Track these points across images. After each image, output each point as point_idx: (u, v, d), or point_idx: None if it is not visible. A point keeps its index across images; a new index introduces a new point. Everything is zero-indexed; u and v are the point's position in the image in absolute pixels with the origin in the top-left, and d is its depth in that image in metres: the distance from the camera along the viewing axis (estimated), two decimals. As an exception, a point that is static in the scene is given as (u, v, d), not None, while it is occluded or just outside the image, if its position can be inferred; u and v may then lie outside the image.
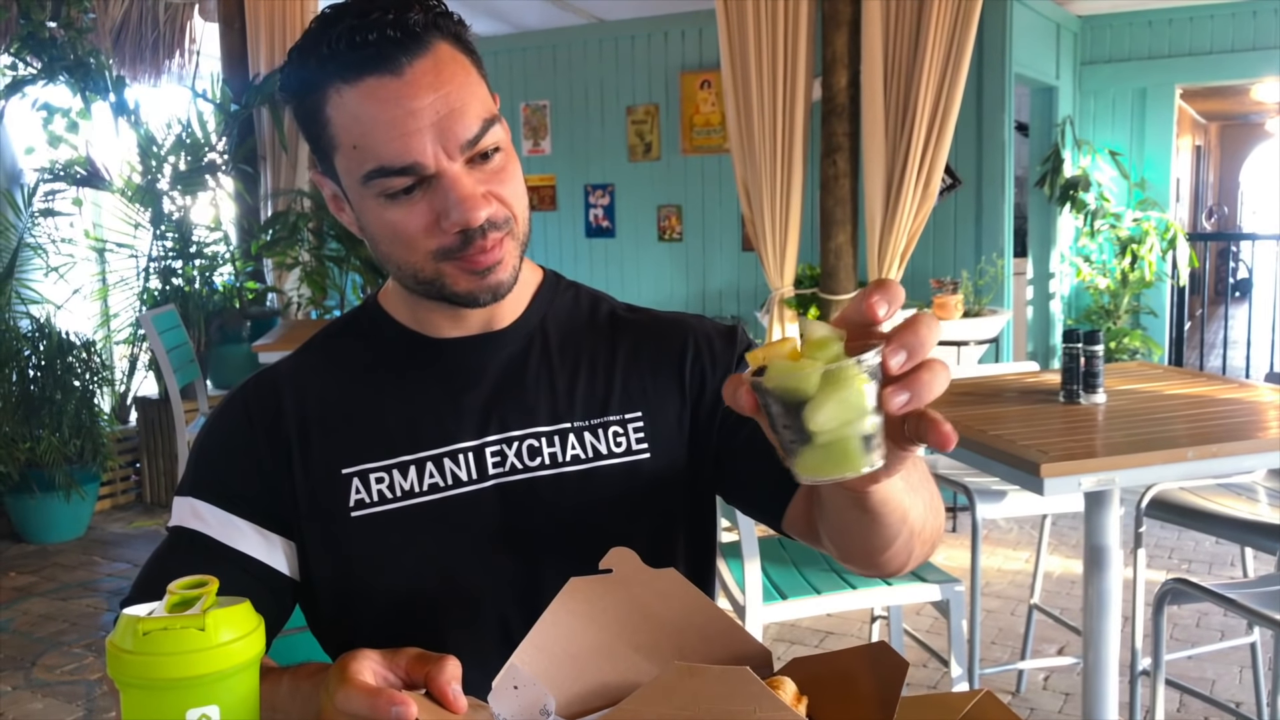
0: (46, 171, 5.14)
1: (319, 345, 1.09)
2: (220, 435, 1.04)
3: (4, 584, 4.17)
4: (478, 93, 0.92)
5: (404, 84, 0.88)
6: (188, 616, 0.63)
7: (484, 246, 0.92)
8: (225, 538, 0.98)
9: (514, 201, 0.95)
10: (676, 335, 1.09)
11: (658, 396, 1.06)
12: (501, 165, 0.94)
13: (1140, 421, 2.22)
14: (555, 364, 1.05)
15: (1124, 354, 5.79)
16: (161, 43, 6.72)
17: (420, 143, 0.88)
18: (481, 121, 0.91)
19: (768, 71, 4.31)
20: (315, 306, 5.92)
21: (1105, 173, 6.12)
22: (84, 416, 4.65)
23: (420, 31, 0.89)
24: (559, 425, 1.03)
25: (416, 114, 0.88)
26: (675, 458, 1.06)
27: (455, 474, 1.00)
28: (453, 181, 0.90)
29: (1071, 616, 3.25)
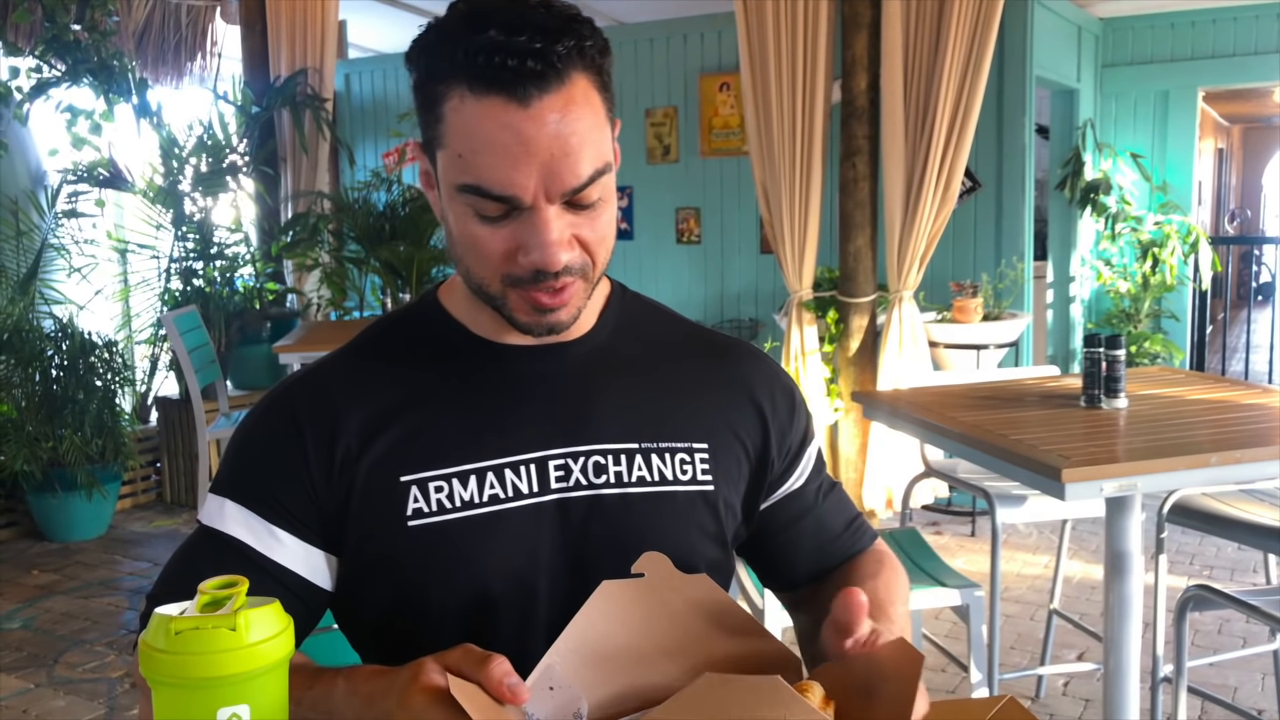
0: (70, 173, 5.19)
1: (373, 344, 1.05)
2: (266, 439, 0.99)
3: (27, 582, 4.21)
4: (598, 138, 0.89)
5: (528, 116, 0.85)
6: (219, 616, 0.64)
7: (553, 287, 0.91)
8: (263, 547, 0.96)
9: (597, 247, 0.93)
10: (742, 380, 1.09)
11: (723, 434, 1.06)
12: (600, 211, 0.92)
13: (1162, 427, 2.21)
14: (623, 381, 1.04)
15: (1145, 358, 5.76)
16: (183, 45, 6.77)
17: (525, 177, 0.86)
18: (592, 171, 0.89)
19: (787, 74, 4.30)
20: (335, 308, 5.95)
21: (1127, 176, 6.09)
22: (106, 416, 4.69)
23: (560, 66, 0.86)
24: (627, 444, 1.01)
25: (530, 149, 0.86)
26: (734, 492, 1.06)
27: (516, 485, 0.97)
28: (543, 222, 0.88)
29: (1091, 622, 3.23)
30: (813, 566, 1.13)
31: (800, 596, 1.15)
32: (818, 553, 1.13)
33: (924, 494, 4.58)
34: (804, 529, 1.12)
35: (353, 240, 5.68)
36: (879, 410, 2.65)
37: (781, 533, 1.12)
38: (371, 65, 7.01)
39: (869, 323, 4.42)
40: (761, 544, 1.13)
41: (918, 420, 2.38)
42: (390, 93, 6.80)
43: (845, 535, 1.14)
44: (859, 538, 1.15)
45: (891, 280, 4.28)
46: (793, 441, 1.11)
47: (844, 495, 1.18)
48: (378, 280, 5.68)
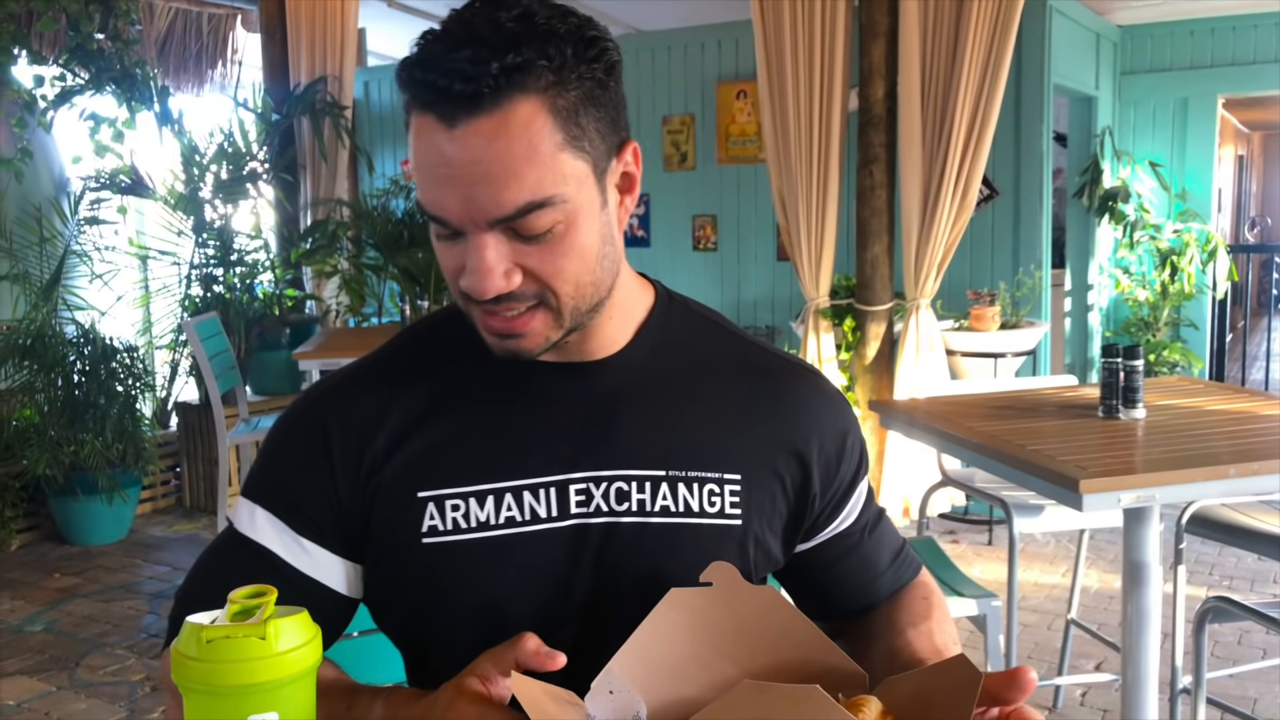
0: (92, 180, 5.24)
1: (401, 354, 1.02)
2: (294, 449, 0.98)
3: (49, 585, 4.25)
4: (533, 170, 0.82)
5: (450, 138, 0.82)
6: (249, 625, 0.65)
7: (500, 314, 0.88)
8: (291, 557, 0.95)
9: (553, 279, 0.87)
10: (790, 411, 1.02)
11: (760, 467, 1.00)
12: (550, 242, 0.86)
13: (1181, 437, 2.21)
14: (657, 404, 0.98)
15: (1163, 367, 5.73)
16: (204, 53, 6.84)
17: (449, 200, 0.84)
18: (526, 201, 0.83)
19: (804, 81, 4.31)
20: (353, 314, 5.99)
21: (1145, 184, 6.06)
22: (126, 421, 4.73)
23: (492, 90, 0.80)
24: (653, 471, 0.96)
25: (453, 172, 0.83)
26: (764, 530, 1.01)
27: (534, 509, 0.94)
28: (473, 249, 0.85)
29: (1109, 632, 3.22)
30: (855, 603, 1.09)
31: (842, 628, 1.10)
32: (861, 590, 1.09)
33: (941, 502, 4.57)
34: (847, 568, 1.08)
35: (371, 247, 5.71)
36: (896, 419, 2.65)
37: (823, 571, 1.08)
38: (390, 73, 7.04)
39: (886, 330, 4.42)
40: (800, 578, 1.09)
41: (935, 430, 2.38)
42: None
43: (889, 571, 1.10)
44: (903, 571, 1.11)
45: (908, 288, 4.28)
46: (840, 483, 1.05)
47: (889, 526, 1.13)
48: (396, 287, 5.71)
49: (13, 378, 4.67)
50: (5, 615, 3.92)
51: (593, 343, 0.97)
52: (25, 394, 4.69)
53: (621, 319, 0.98)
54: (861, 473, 1.08)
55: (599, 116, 0.87)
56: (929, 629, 1.01)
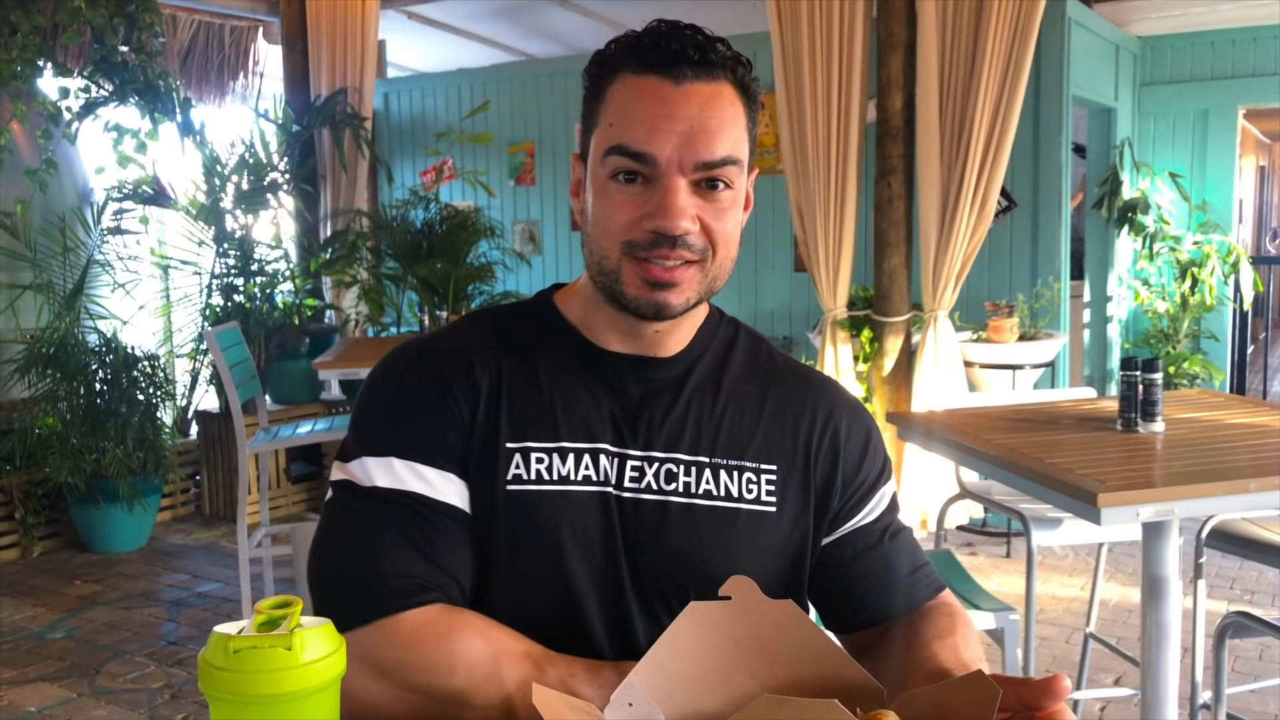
0: (116, 190, 5.29)
1: (497, 324, 1.12)
2: (419, 396, 1.04)
3: (69, 592, 4.28)
4: (735, 133, 1.00)
5: (678, 91, 0.98)
6: (276, 636, 0.67)
7: (667, 259, 0.99)
8: (442, 495, 1.02)
9: (719, 238, 1.01)
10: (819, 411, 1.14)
11: (792, 459, 1.11)
12: (725, 204, 1.00)
13: (1200, 451, 2.20)
14: (706, 399, 1.10)
15: (1184, 379, 5.70)
16: (226, 65, 6.90)
17: (664, 141, 0.97)
18: (727, 154, 0.98)
19: (822, 93, 4.32)
20: (372, 324, 6.02)
21: (1165, 195, 6.03)
22: (147, 429, 4.77)
23: (714, 63, 0.99)
24: (698, 457, 1.07)
25: (673, 119, 0.97)
26: (798, 522, 1.10)
27: (607, 472, 1.04)
28: (671, 188, 0.98)
29: (1129, 646, 3.20)
30: (874, 609, 1.12)
31: (863, 642, 1.13)
32: (879, 594, 1.12)
33: (959, 515, 4.55)
34: (866, 567, 1.12)
35: (390, 257, 5.74)
36: (913, 432, 2.65)
37: (843, 568, 1.12)
38: (410, 84, 7.09)
39: (904, 342, 4.41)
40: (823, 579, 1.13)
41: (952, 442, 2.38)
42: (428, 111, 6.88)
43: (909, 580, 1.13)
44: (927, 585, 1.14)
45: (926, 299, 4.27)
46: (864, 480, 1.13)
47: (912, 540, 1.17)
48: (415, 297, 5.74)
49: (36, 386, 4.71)
50: (27, 622, 3.96)
51: (667, 340, 1.09)
52: (48, 402, 4.74)
53: (690, 323, 1.11)
54: (885, 475, 1.16)
55: (752, 132, 1.05)
56: (954, 643, 1.03)
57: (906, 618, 1.11)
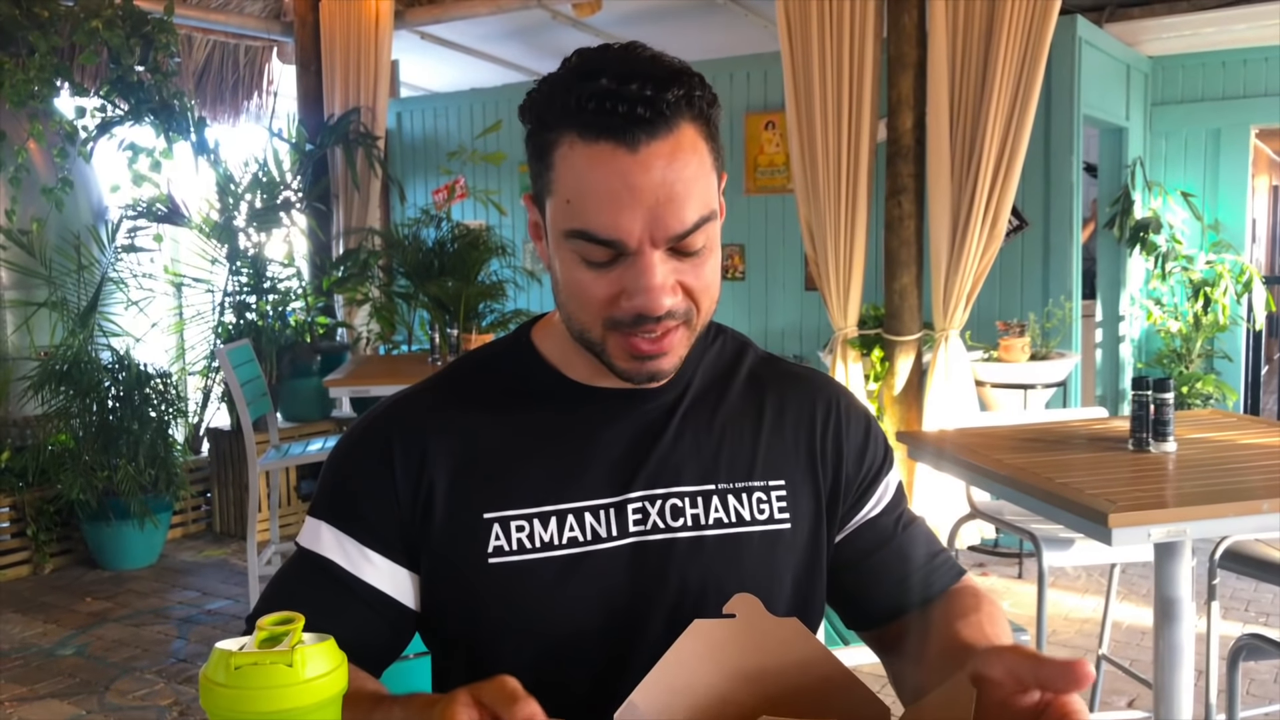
0: (130, 209, 5.33)
1: (465, 379, 1.08)
2: (358, 466, 1.03)
3: (80, 609, 4.29)
4: (704, 186, 0.91)
5: (636, 161, 0.87)
6: (277, 652, 0.66)
7: (653, 333, 0.93)
8: (353, 567, 1.00)
9: (701, 295, 0.95)
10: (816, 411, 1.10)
11: (798, 468, 1.06)
12: (703, 258, 0.93)
13: (1212, 471, 2.18)
14: (701, 422, 1.04)
15: (1197, 399, 5.66)
16: (241, 84, 6.96)
17: (630, 222, 0.88)
18: (698, 218, 0.90)
19: (832, 112, 4.32)
20: (384, 342, 6.04)
21: (1177, 214, 6.02)
22: (159, 446, 4.78)
23: (668, 115, 0.88)
24: (704, 486, 1.02)
25: (637, 194, 0.88)
26: (813, 531, 1.06)
27: (595, 529, 0.99)
28: (647, 267, 0.90)
29: (1142, 668, 3.17)
30: (894, 601, 1.09)
31: (887, 637, 1.11)
32: (898, 586, 1.09)
33: (970, 535, 4.53)
34: (882, 560, 1.09)
35: (402, 276, 5.77)
36: (924, 451, 2.64)
37: (859, 563, 1.09)
38: (423, 104, 7.14)
39: (915, 361, 4.40)
40: (839, 578, 1.10)
41: (963, 462, 2.37)
42: (440, 131, 6.92)
43: (927, 568, 1.10)
44: (944, 572, 1.11)
45: (937, 318, 4.27)
46: (868, 468, 1.10)
47: (926, 529, 1.14)
48: (426, 315, 5.76)
49: (49, 403, 4.74)
50: (37, 638, 3.96)
51: None
52: (61, 419, 4.76)
53: None
54: (888, 463, 1.12)
55: (716, 146, 0.96)
56: (978, 620, 0.99)
57: (927, 605, 1.08)
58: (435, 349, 4.68)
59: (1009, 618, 2.38)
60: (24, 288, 5.04)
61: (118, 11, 4.92)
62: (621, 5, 6.00)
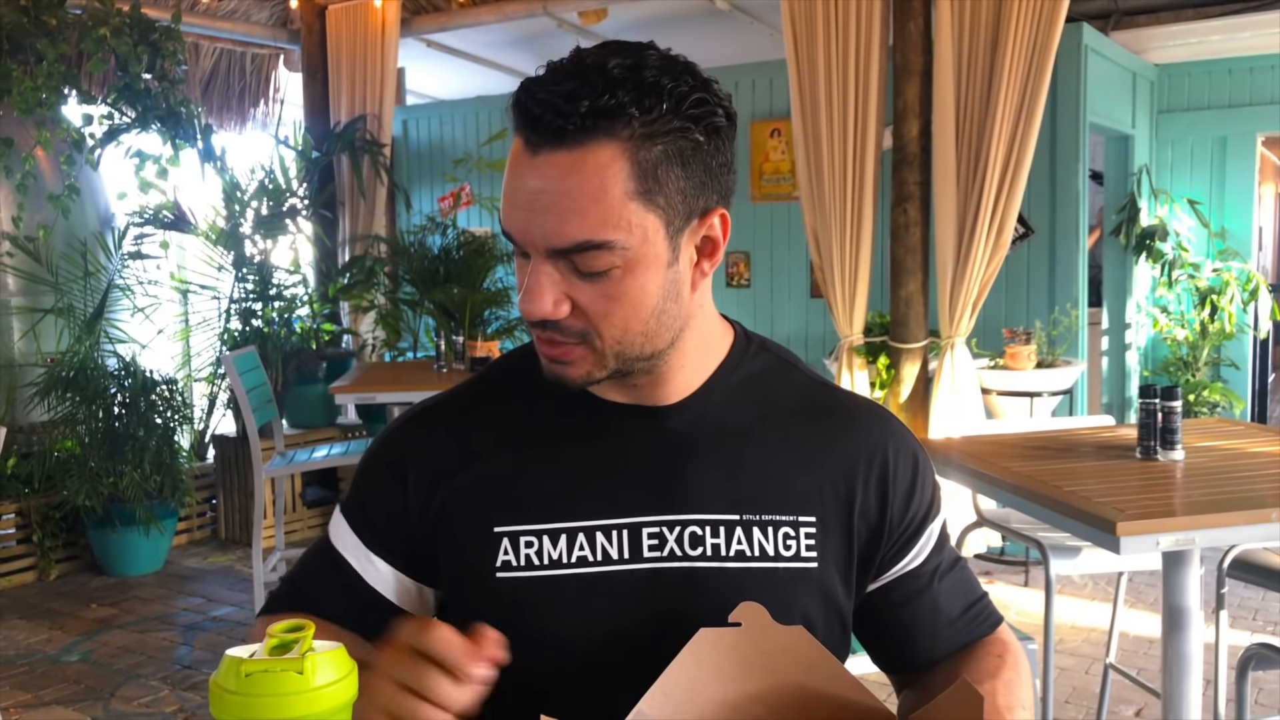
0: (137, 216, 5.35)
1: (485, 388, 1.06)
2: (372, 474, 1.05)
3: (85, 615, 4.29)
4: (595, 211, 0.85)
5: (531, 164, 0.86)
6: (287, 660, 0.66)
7: (549, 339, 0.91)
8: (360, 568, 1.03)
9: (599, 320, 0.89)
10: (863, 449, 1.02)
11: (834, 507, 1.00)
12: (605, 288, 0.88)
13: (1221, 480, 2.18)
14: (730, 446, 0.99)
15: (1203, 407, 5.65)
16: (247, 92, 6.99)
17: (518, 220, 0.88)
18: (578, 240, 0.85)
19: (838, 120, 4.32)
20: (389, 348, 6.04)
21: (1184, 222, 6.01)
22: (164, 453, 4.79)
23: (576, 128, 0.84)
24: (727, 515, 0.96)
25: (523, 196, 0.87)
26: (843, 574, 1.00)
27: (606, 550, 0.95)
28: (532, 270, 0.89)
29: (1149, 677, 3.16)
30: (926, 653, 1.05)
31: (911, 682, 1.08)
32: (932, 638, 1.05)
33: (977, 543, 4.52)
34: (916, 612, 1.04)
35: (408, 282, 5.78)
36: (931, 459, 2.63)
37: (892, 613, 1.05)
38: (429, 111, 7.15)
39: (921, 368, 4.40)
40: (870, 623, 1.06)
41: (970, 470, 2.36)
42: (446, 138, 6.93)
43: (961, 620, 1.05)
44: (979, 624, 1.06)
45: (943, 326, 4.26)
46: (913, 518, 1.03)
47: (967, 574, 1.09)
48: (431, 322, 5.76)
49: (55, 409, 4.75)
50: (42, 645, 3.96)
51: (665, 388, 0.98)
52: (67, 425, 4.77)
53: (694, 366, 0.99)
54: (934, 512, 1.06)
55: (684, 176, 0.88)
56: (993, 688, 0.97)
57: (952, 657, 1.04)
58: (441, 356, 4.68)
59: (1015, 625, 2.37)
60: (30, 294, 5.06)
61: (125, 19, 4.94)
62: (627, 13, 6.01)
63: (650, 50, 0.88)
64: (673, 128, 0.86)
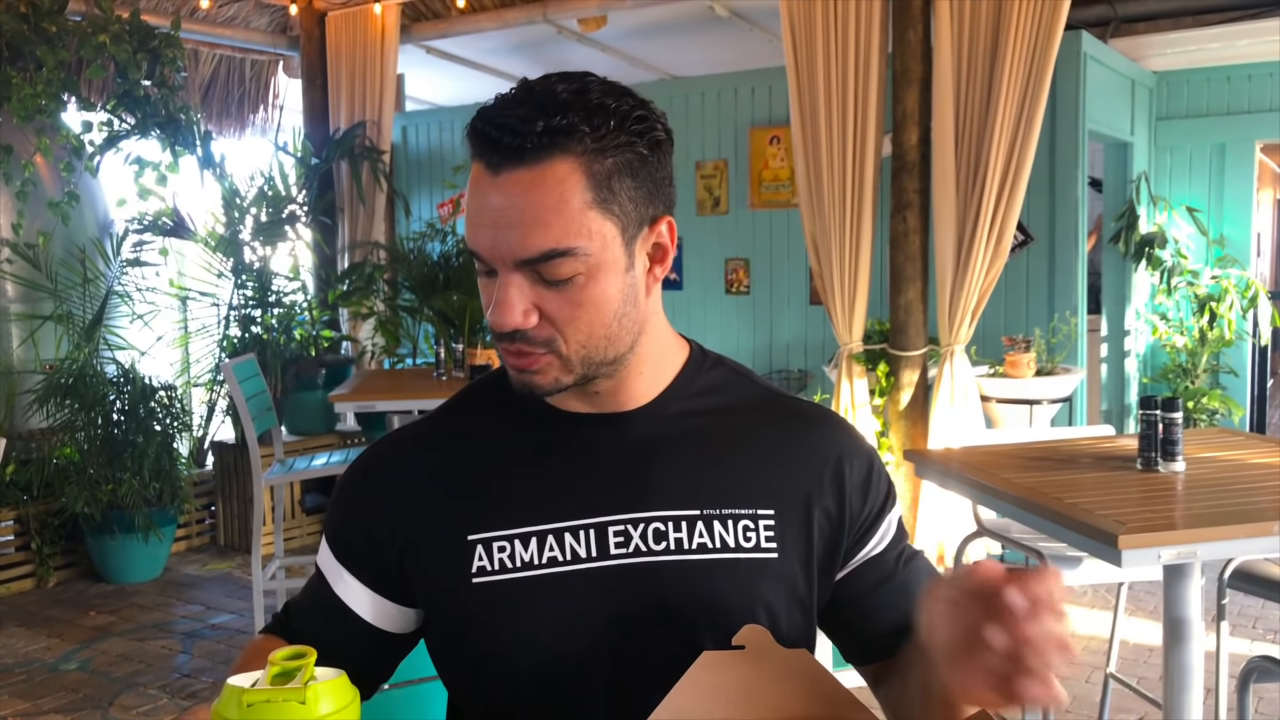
0: (136, 222, 5.34)
1: (458, 409, 1.12)
2: (344, 498, 1.10)
3: (84, 623, 4.28)
4: (560, 222, 0.91)
5: (493, 184, 0.92)
6: (290, 690, 0.66)
7: (517, 350, 0.96)
8: (335, 586, 1.08)
9: (566, 327, 0.95)
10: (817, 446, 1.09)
11: (793, 500, 1.05)
12: (570, 294, 0.94)
13: (1222, 492, 2.17)
14: (689, 449, 1.05)
15: (1202, 414, 5.65)
16: (247, 98, 6.99)
17: (485, 238, 0.94)
18: (545, 249, 0.91)
19: (838, 127, 4.33)
20: (388, 355, 6.04)
21: (1182, 229, 6.02)
22: (164, 460, 4.78)
23: (534, 147, 0.90)
24: (688, 511, 1.02)
25: (489, 214, 0.93)
26: (804, 564, 1.05)
27: (574, 550, 1.00)
28: (500, 284, 0.94)
29: (1150, 687, 3.16)
30: (893, 638, 1.09)
31: (882, 669, 1.12)
32: (899, 623, 1.08)
33: (977, 551, 4.51)
34: (883, 597, 1.09)
35: (407, 289, 5.77)
36: (931, 470, 2.63)
37: (859, 601, 1.09)
38: (428, 118, 7.16)
39: (920, 376, 4.40)
40: (839, 614, 1.11)
41: (970, 481, 2.36)
42: (446, 144, 6.93)
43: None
44: None
45: (943, 334, 4.26)
46: (870, 508, 1.09)
47: (928, 564, 1.14)
48: (431, 329, 5.76)
49: (54, 416, 4.74)
50: (41, 653, 3.96)
51: (625, 394, 1.04)
52: (66, 432, 4.76)
53: (653, 373, 1.06)
54: (890, 502, 1.12)
55: (635, 186, 0.96)
56: None
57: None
58: (440, 363, 4.68)
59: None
60: (30, 301, 5.05)
61: (125, 26, 4.94)
62: (626, 20, 6.02)
63: (591, 77, 0.95)
64: (620, 142, 0.93)
